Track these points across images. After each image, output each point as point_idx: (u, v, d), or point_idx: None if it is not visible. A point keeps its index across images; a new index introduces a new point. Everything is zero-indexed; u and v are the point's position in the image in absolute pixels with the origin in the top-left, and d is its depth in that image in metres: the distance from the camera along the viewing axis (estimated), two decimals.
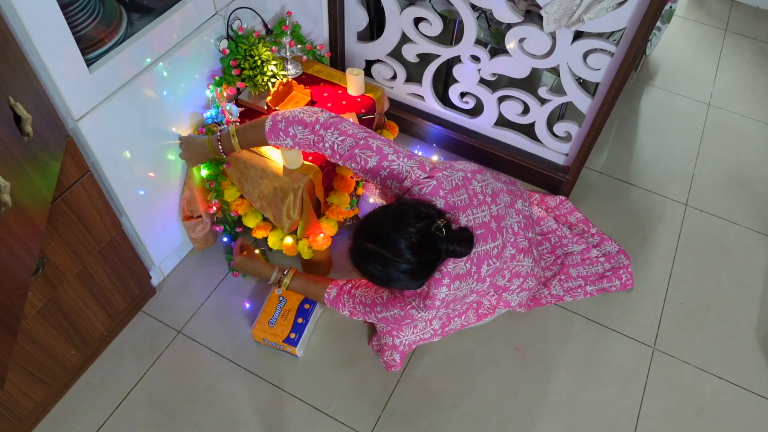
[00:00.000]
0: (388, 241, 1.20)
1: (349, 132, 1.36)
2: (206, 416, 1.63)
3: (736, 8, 3.06)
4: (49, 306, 1.41)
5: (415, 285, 1.27)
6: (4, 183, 0.93)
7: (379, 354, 1.69)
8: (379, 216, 1.25)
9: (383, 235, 1.21)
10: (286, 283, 1.60)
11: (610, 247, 1.97)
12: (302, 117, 1.38)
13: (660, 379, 1.75)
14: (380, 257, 1.21)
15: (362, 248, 1.25)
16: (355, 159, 1.35)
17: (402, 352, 1.61)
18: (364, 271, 1.26)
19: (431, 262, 1.24)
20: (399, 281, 1.24)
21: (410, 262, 1.20)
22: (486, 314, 1.64)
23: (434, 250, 1.22)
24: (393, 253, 1.19)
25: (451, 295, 1.31)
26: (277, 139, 1.42)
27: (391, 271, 1.21)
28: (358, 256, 1.26)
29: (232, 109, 1.59)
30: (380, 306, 1.41)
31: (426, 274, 1.26)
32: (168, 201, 1.72)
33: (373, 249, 1.22)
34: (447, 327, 1.58)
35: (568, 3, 1.59)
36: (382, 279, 1.25)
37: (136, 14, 1.45)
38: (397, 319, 1.39)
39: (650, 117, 2.49)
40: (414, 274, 1.23)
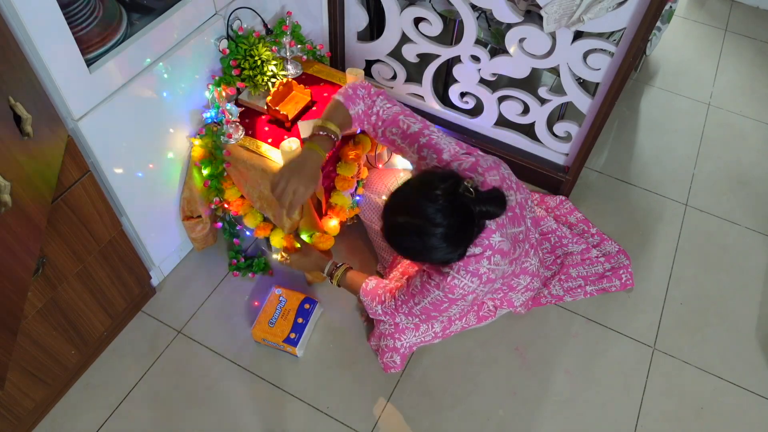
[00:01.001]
0: (418, 209, 1.17)
1: (395, 103, 1.43)
2: (206, 416, 1.63)
3: (736, 8, 3.06)
4: (49, 306, 1.41)
5: (455, 252, 1.23)
6: (4, 183, 0.93)
7: (377, 354, 1.69)
8: (404, 188, 1.24)
9: (411, 204, 1.19)
10: (337, 276, 1.58)
11: (610, 247, 1.97)
12: (359, 85, 1.42)
13: (660, 379, 1.75)
14: (413, 228, 1.18)
15: (394, 224, 1.22)
16: (398, 123, 1.38)
17: (403, 354, 1.60)
18: (401, 247, 1.24)
19: (466, 225, 1.21)
20: (437, 249, 1.20)
21: (444, 226, 1.16)
22: (487, 316, 1.64)
23: (466, 211, 1.19)
24: (425, 220, 1.16)
25: (491, 272, 1.29)
26: (355, 105, 1.40)
27: (427, 240, 1.18)
28: (392, 233, 1.24)
29: (232, 109, 1.59)
30: (418, 296, 1.36)
31: (464, 240, 1.23)
32: (168, 201, 1.72)
33: (405, 221, 1.20)
34: (448, 329, 1.58)
35: (568, 3, 1.59)
36: (421, 251, 1.21)
37: (136, 14, 1.45)
38: (437, 302, 1.34)
39: (650, 117, 2.49)
40: (450, 238, 1.19)
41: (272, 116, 1.68)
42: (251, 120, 1.69)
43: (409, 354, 1.65)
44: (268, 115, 1.69)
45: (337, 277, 1.58)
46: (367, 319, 1.81)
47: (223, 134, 1.61)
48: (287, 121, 1.65)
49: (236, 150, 1.61)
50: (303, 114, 1.71)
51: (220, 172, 1.65)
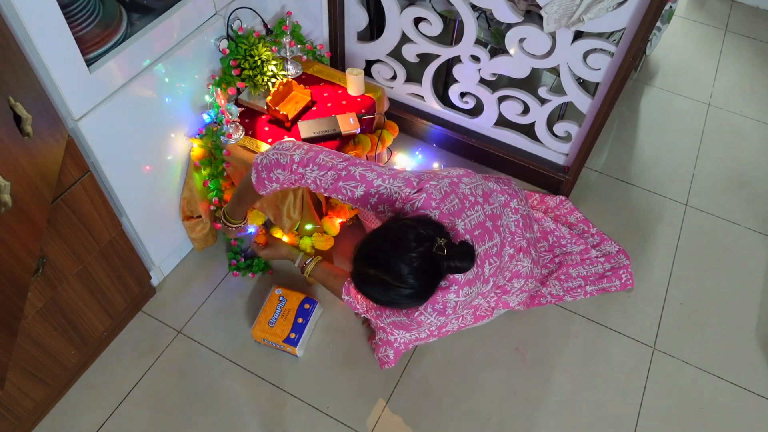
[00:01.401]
0: (390, 267, 1.17)
1: (328, 165, 1.31)
2: (206, 416, 1.63)
3: (736, 8, 3.06)
4: (49, 306, 1.41)
5: (418, 305, 1.26)
6: (4, 183, 0.93)
7: (374, 351, 1.69)
8: (379, 240, 1.22)
9: (384, 260, 1.18)
10: (309, 270, 1.58)
11: (610, 247, 1.97)
12: (277, 159, 1.34)
13: (660, 379, 1.75)
14: (382, 282, 1.18)
15: (364, 273, 1.22)
16: (341, 191, 1.31)
17: (397, 349, 1.60)
18: (367, 295, 1.24)
19: (434, 283, 1.22)
20: (402, 304, 1.23)
21: (413, 287, 1.17)
22: (484, 316, 1.64)
23: (436, 270, 1.19)
24: (395, 279, 1.16)
25: (461, 302, 1.30)
26: (266, 188, 1.38)
27: (393, 296, 1.19)
28: (360, 281, 1.24)
29: (232, 109, 1.59)
30: (389, 311, 1.38)
31: (429, 294, 1.24)
32: (168, 201, 1.72)
33: (375, 274, 1.19)
34: (444, 329, 1.58)
35: (568, 3, 1.59)
36: (386, 302, 1.24)
37: (136, 14, 1.44)
38: (405, 324, 1.37)
39: (650, 117, 2.49)
40: (417, 296, 1.21)
41: (272, 116, 1.68)
42: (251, 120, 1.69)
43: (404, 350, 1.65)
44: (268, 115, 1.69)
45: (308, 271, 1.58)
46: (367, 322, 1.81)
47: (223, 134, 1.61)
48: (287, 121, 1.65)
49: (236, 150, 1.61)
50: (303, 114, 1.71)
51: (220, 172, 1.65)
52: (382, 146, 1.82)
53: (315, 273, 1.58)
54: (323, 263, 1.58)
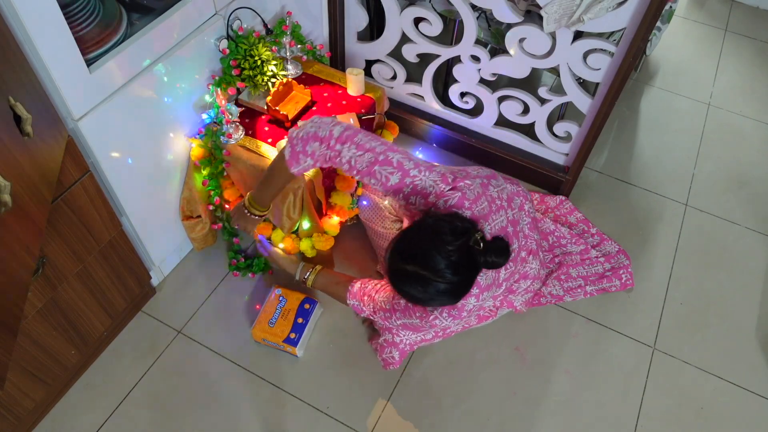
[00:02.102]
0: (427, 261, 1.15)
1: (366, 146, 1.27)
2: (206, 416, 1.63)
3: (736, 8, 3.06)
4: (49, 306, 1.41)
5: (453, 302, 1.24)
6: (4, 183, 0.93)
7: (377, 352, 1.69)
8: (416, 235, 1.20)
9: (422, 254, 1.17)
10: (310, 281, 1.58)
11: (609, 247, 1.97)
12: (316, 132, 1.29)
13: (660, 379, 1.75)
14: (421, 278, 1.17)
15: (401, 270, 1.20)
16: (375, 175, 1.28)
17: (402, 350, 1.60)
18: (404, 294, 1.23)
19: (470, 278, 1.21)
20: (438, 300, 1.21)
21: (451, 282, 1.16)
22: (487, 317, 1.64)
23: (473, 264, 1.19)
24: (433, 273, 1.15)
25: (477, 306, 1.30)
26: (299, 164, 1.32)
27: (431, 292, 1.18)
28: (397, 279, 1.22)
29: (231, 109, 1.59)
30: (399, 312, 1.37)
31: (465, 291, 1.23)
32: (168, 201, 1.72)
33: (413, 270, 1.17)
34: (449, 329, 1.58)
35: (568, 3, 1.59)
36: (423, 300, 1.22)
37: (136, 14, 1.45)
38: (416, 326, 1.36)
39: (650, 117, 2.49)
40: (454, 292, 1.20)
41: (272, 116, 1.68)
42: (251, 120, 1.69)
43: (409, 351, 1.65)
44: (268, 115, 1.69)
45: (310, 282, 1.58)
46: (368, 322, 1.81)
47: (223, 134, 1.61)
48: (287, 121, 1.65)
49: (236, 150, 1.61)
50: (303, 114, 1.71)
51: (220, 171, 1.65)
52: None
53: (317, 283, 1.58)
54: (323, 271, 1.58)
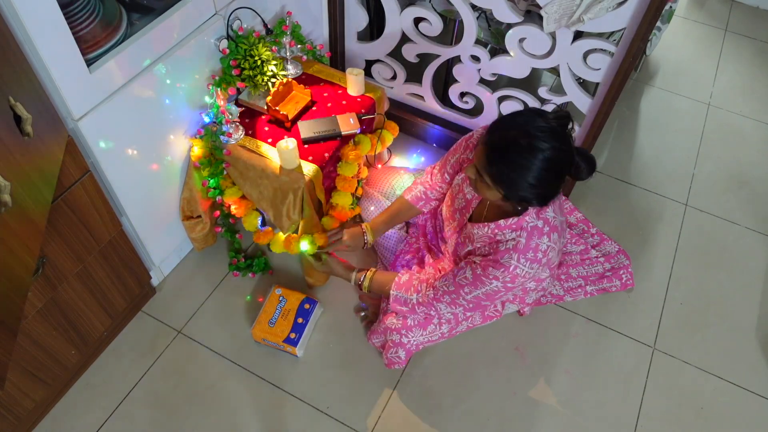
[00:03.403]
0: (534, 126, 1.17)
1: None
2: (206, 416, 1.63)
3: (736, 8, 3.06)
4: (49, 306, 1.41)
5: (538, 191, 1.21)
6: (4, 183, 0.93)
7: (380, 351, 1.68)
8: (518, 111, 1.25)
9: (522, 120, 1.19)
10: (366, 285, 1.59)
11: (609, 247, 1.97)
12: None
13: (660, 379, 1.75)
14: (519, 143, 1.17)
15: (500, 136, 1.20)
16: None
17: (408, 350, 1.59)
18: (499, 163, 1.20)
19: (563, 165, 1.20)
20: (529, 175, 1.18)
21: (548, 149, 1.16)
22: (492, 316, 1.64)
23: (570, 155, 1.20)
24: (533, 137, 1.16)
25: (551, 249, 1.29)
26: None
27: (528, 159, 1.16)
28: (494, 147, 1.21)
29: (232, 109, 1.59)
30: (468, 286, 1.36)
31: (552, 184, 1.22)
32: (168, 201, 1.72)
33: (515, 135, 1.18)
34: (455, 329, 1.58)
35: (568, 3, 1.59)
36: (513, 171, 1.19)
37: (136, 14, 1.44)
38: (493, 292, 1.34)
39: (650, 117, 2.49)
40: (547, 169, 1.17)
41: (272, 116, 1.68)
42: (251, 120, 1.69)
43: (414, 351, 1.64)
44: (268, 115, 1.69)
45: (366, 285, 1.59)
46: (365, 320, 1.81)
47: (223, 134, 1.61)
48: (287, 121, 1.65)
49: (236, 150, 1.61)
50: (303, 114, 1.71)
51: (220, 171, 1.65)
52: (382, 146, 1.82)
53: (372, 286, 1.59)
54: (377, 274, 1.59)
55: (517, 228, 1.30)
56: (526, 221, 1.29)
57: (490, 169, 1.22)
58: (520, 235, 1.29)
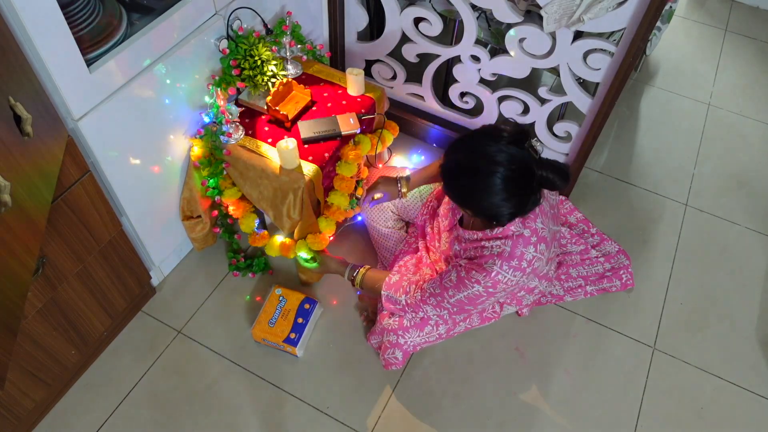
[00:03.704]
0: (482, 149, 1.19)
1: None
2: (206, 416, 1.63)
3: (736, 8, 3.06)
4: (49, 306, 1.41)
5: (509, 203, 1.22)
6: (4, 183, 0.93)
7: (378, 352, 1.68)
8: (470, 133, 1.26)
9: (476, 144, 1.21)
10: (358, 281, 1.60)
11: (609, 247, 1.97)
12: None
13: (660, 379, 1.75)
14: (472, 167, 1.19)
15: (453, 161, 1.23)
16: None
17: (405, 351, 1.59)
18: (457, 186, 1.24)
19: (525, 181, 1.21)
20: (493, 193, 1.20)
21: (504, 167, 1.17)
22: (491, 318, 1.64)
23: (528, 168, 1.19)
24: (486, 159, 1.18)
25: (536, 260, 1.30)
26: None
27: (485, 179, 1.19)
28: (449, 172, 1.24)
29: (232, 109, 1.59)
30: (452, 289, 1.37)
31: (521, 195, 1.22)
32: (168, 201, 1.72)
33: (465, 159, 1.21)
34: (452, 331, 1.58)
35: (568, 3, 1.59)
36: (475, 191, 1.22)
37: (136, 14, 1.45)
38: (475, 296, 1.35)
39: (650, 117, 2.49)
40: (508, 183, 1.19)
41: (272, 116, 1.68)
42: (251, 120, 1.69)
43: (412, 352, 1.65)
44: (268, 115, 1.69)
45: (358, 281, 1.60)
46: (367, 319, 1.81)
47: (223, 134, 1.61)
48: (287, 121, 1.65)
49: (236, 150, 1.61)
50: (303, 114, 1.71)
51: (219, 171, 1.65)
52: (383, 146, 1.82)
53: (364, 282, 1.60)
54: (370, 272, 1.60)
55: (503, 236, 1.31)
56: (511, 230, 1.30)
57: (450, 194, 1.27)
58: (505, 243, 1.30)
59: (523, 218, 1.30)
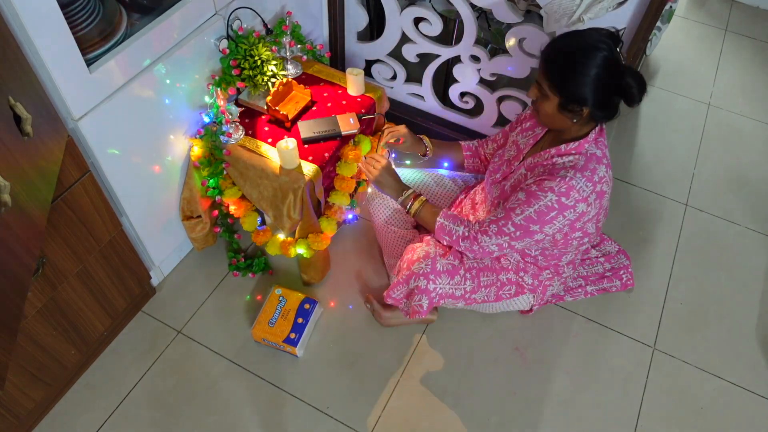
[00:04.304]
0: (587, 35, 1.28)
1: None
2: (206, 416, 1.63)
3: (736, 8, 3.06)
4: (49, 306, 1.41)
5: (596, 95, 1.28)
6: (4, 183, 0.93)
7: (407, 300, 1.60)
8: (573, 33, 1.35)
9: (580, 33, 1.30)
10: (416, 208, 1.58)
11: (609, 246, 1.97)
12: None
13: (660, 379, 1.75)
14: (579, 46, 1.27)
15: (561, 43, 1.31)
16: None
17: (431, 299, 1.55)
18: (557, 62, 1.30)
19: (617, 77, 1.27)
20: (589, 73, 1.26)
21: (606, 51, 1.24)
22: (503, 297, 1.62)
23: (621, 67, 1.27)
24: (592, 41, 1.25)
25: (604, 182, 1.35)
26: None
27: (586, 57, 1.25)
28: (554, 50, 1.31)
29: (231, 109, 1.59)
30: (521, 207, 1.38)
31: (606, 96, 1.29)
32: (168, 201, 1.72)
33: (573, 41, 1.29)
34: (474, 294, 1.56)
35: (568, 3, 1.60)
36: (577, 67, 1.27)
37: (136, 14, 1.45)
38: (544, 210, 1.35)
39: (650, 117, 2.49)
40: (603, 74, 1.26)
41: (272, 116, 1.68)
42: (251, 120, 1.69)
43: (436, 303, 1.59)
44: (268, 115, 1.69)
45: (414, 209, 1.58)
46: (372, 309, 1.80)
47: (223, 134, 1.61)
48: (287, 121, 1.65)
49: (236, 150, 1.61)
50: (303, 114, 1.71)
51: (219, 171, 1.65)
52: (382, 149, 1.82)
53: (421, 211, 1.59)
54: (427, 204, 1.59)
55: (577, 152, 1.35)
56: (585, 148, 1.35)
57: (549, 71, 1.31)
58: (578, 158, 1.35)
59: (596, 139, 1.36)
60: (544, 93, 1.34)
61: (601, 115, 1.34)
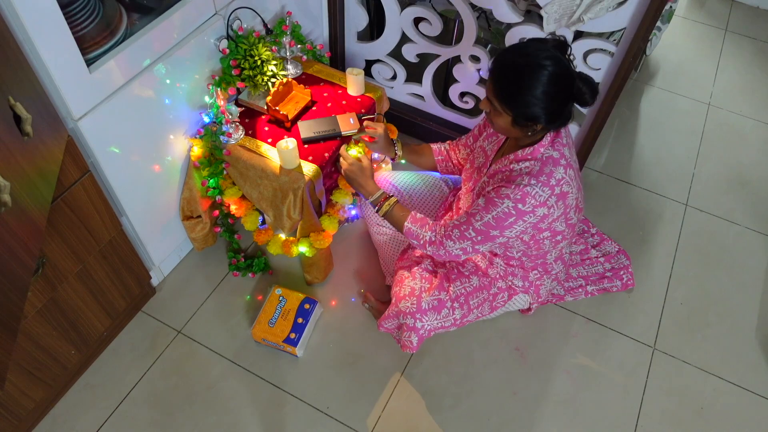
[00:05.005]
0: (532, 49, 1.25)
1: None
2: (206, 416, 1.63)
3: (736, 8, 3.06)
4: (49, 306, 1.41)
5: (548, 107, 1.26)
6: (4, 183, 0.93)
7: (392, 335, 1.64)
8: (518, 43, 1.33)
9: (525, 45, 1.27)
10: (385, 210, 1.57)
11: (609, 247, 1.97)
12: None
13: (660, 379, 1.75)
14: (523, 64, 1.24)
15: (504, 58, 1.28)
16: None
17: (421, 335, 1.56)
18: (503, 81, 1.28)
19: (566, 87, 1.26)
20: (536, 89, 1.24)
21: (552, 66, 1.23)
22: (498, 306, 1.62)
23: (570, 76, 1.25)
24: (536, 58, 1.23)
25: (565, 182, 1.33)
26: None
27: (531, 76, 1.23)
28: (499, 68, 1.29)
29: (231, 109, 1.59)
30: (480, 213, 1.38)
31: (558, 106, 1.27)
32: (168, 201, 1.72)
33: (517, 57, 1.26)
34: (466, 317, 1.57)
35: (568, 3, 1.60)
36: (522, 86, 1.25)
37: (136, 14, 1.45)
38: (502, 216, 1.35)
39: (650, 117, 2.49)
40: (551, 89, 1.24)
41: (272, 116, 1.68)
42: (251, 120, 1.69)
43: (426, 337, 1.60)
44: (268, 115, 1.69)
45: (384, 209, 1.57)
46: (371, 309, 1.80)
47: (223, 134, 1.61)
48: (287, 121, 1.65)
49: (236, 150, 1.61)
50: (303, 114, 1.71)
51: (220, 171, 1.65)
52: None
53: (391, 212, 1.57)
54: (398, 205, 1.58)
55: (532, 157, 1.34)
56: (540, 152, 1.34)
57: (498, 91, 1.29)
58: (534, 164, 1.34)
59: (552, 141, 1.34)
60: (495, 109, 1.31)
61: (555, 125, 1.32)
